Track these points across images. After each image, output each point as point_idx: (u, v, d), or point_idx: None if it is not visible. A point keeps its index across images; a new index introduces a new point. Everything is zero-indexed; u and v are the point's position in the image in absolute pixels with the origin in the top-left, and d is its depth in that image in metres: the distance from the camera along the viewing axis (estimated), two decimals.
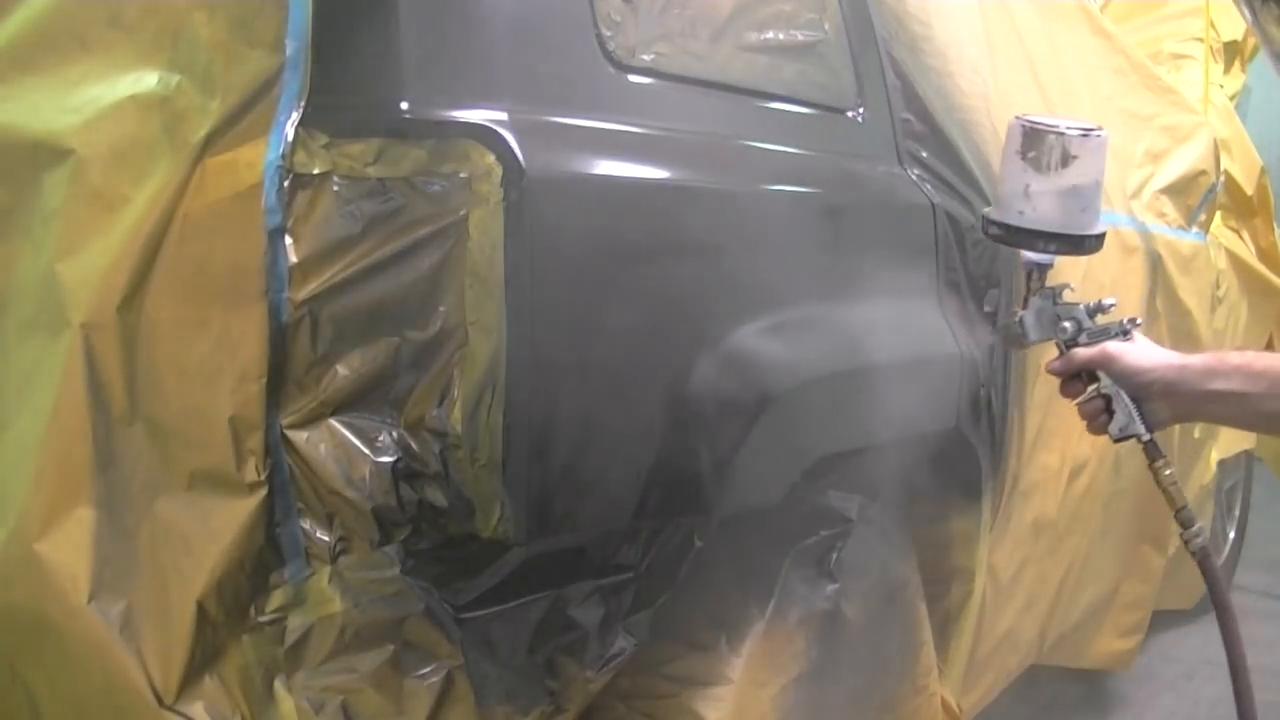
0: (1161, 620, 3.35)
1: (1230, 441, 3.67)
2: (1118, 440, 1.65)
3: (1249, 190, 3.63)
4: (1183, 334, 2.96)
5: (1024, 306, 1.69)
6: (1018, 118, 1.63)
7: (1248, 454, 4.08)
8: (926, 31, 2.14)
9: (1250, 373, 1.54)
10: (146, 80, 1.27)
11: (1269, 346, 3.90)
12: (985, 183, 2.13)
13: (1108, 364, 1.63)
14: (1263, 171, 3.69)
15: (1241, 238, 3.62)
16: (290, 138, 1.21)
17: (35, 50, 1.31)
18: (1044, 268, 1.67)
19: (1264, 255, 3.72)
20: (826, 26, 1.86)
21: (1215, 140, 3.25)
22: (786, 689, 1.63)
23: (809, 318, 1.63)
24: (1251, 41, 3.85)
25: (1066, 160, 1.59)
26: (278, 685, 1.24)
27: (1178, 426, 2.93)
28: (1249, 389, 1.53)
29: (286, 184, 1.21)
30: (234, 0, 1.24)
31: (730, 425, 1.48)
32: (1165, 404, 1.62)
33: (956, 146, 2.07)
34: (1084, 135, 1.60)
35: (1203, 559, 1.67)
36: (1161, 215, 2.99)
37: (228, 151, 1.23)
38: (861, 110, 1.89)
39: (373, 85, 1.26)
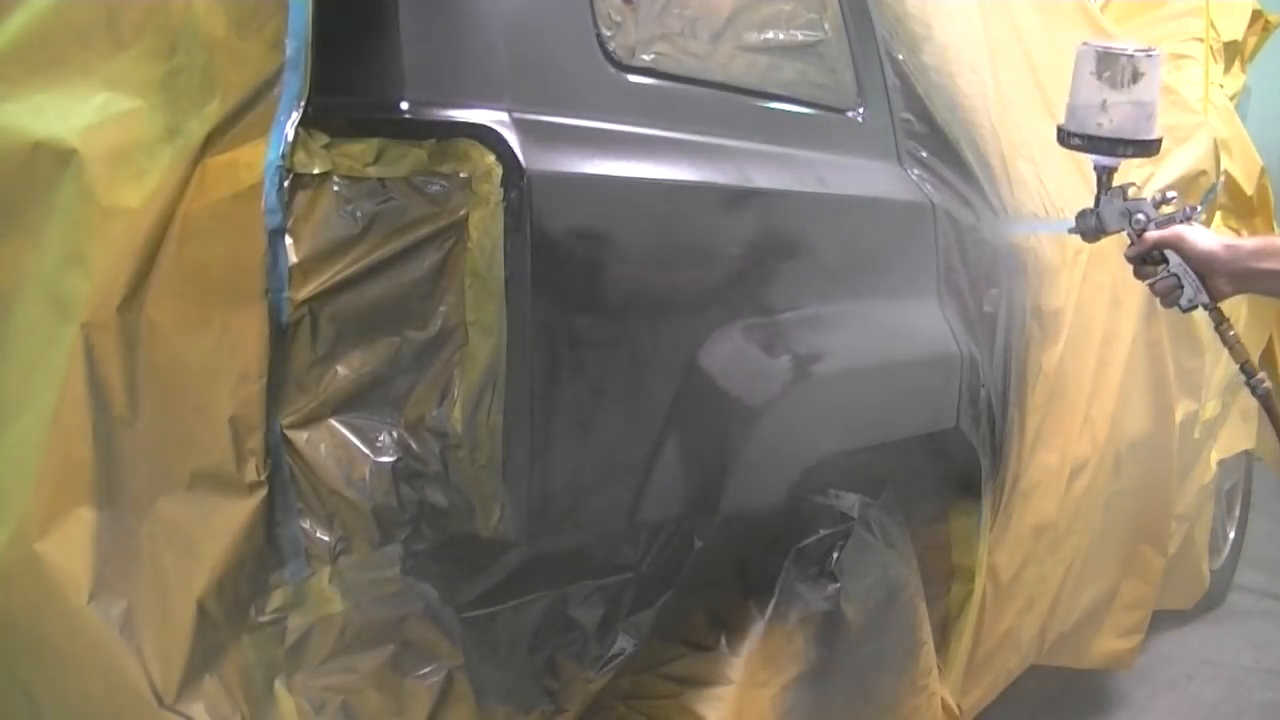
0: (1161, 620, 3.35)
1: (1230, 441, 3.67)
2: (1186, 310, 1.94)
3: (1249, 190, 3.62)
4: (1183, 333, 2.96)
5: (1096, 205, 1.98)
6: (1087, 43, 1.95)
7: (1248, 454, 4.07)
8: (926, 31, 2.14)
9: None
10: (147, 80, 1.27)
11: (1269, 347, 3.90)
12: (985, 183, 2.13)
13: (1178, 244, 1.91)
14: (1263, 171, 3.68)
15: (1241, 237, 3.62)
16: (290, 138, 1.21)
17: (36, 51, 1.31)
18: (1112, 170, 1.97)
19: None
20: (826, 26, 1.86)
21: (1215, 140, 3.26)
22: (786, 689, 1.63)
23: (809, 318, 1.63)
24: (1252, 41, 3.85)
25: (1136, 77, 1.90)
26: (278, 685, 1.24)
27: (1178, 427, 2.94)
28: None
29: (286, 184, 1.21)
30: (234, 0, 1.24)
31: (731, 425, 1.48)
32: (1225, 278, 1.90)
33: (956, 146, 2.08)
34: (1147, 55, 1.92)
35: (1266, 402, 1.97)
36: None
37: (228, 151, 1.23)
38: (861, 110, 1.89)
39: (373, 85, 1.26)
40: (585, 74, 1.41)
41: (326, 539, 1.24)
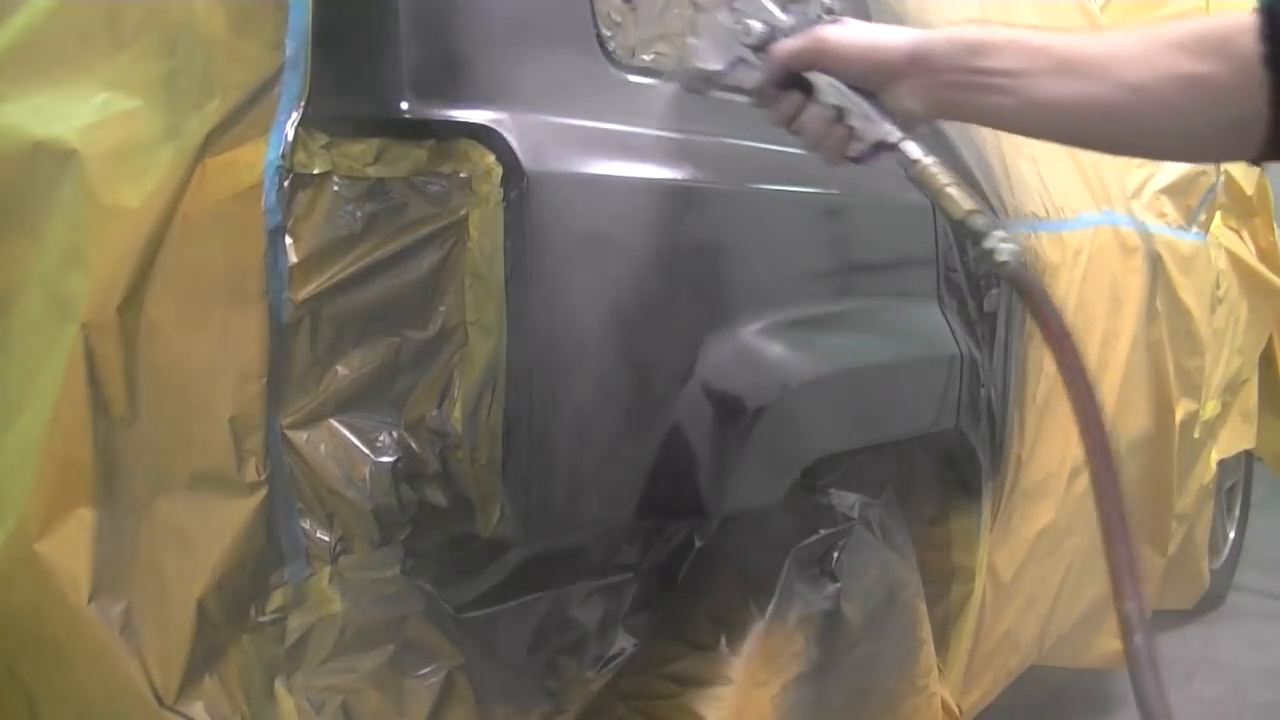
0: (1161, 620, 3.34)
1: (1230, 441, 3.67)
2: (864, 159, 1.24)
3: (1249, 190, 3.63)
4: (1183, 334, 2.96)
5: (693, 32, 1.34)
6: None
7: (1248, 454, 4.08)
8: None
9: (1028, 49, 1.15)
10: (147, 80, 1.27)
11: (1269, 347, 3.90)
12: (985, 183, 2.13)
13: (822, 52, 1.23)
14: (1263, 171, 3.68)
15: (1241, 238, 3.62)
16: (290, 138, 1.21)
17: (36, 50, 1.31)
18: None
19: (1264, 255, 3.72)
20: None
21: None
22: (786, 689, 1.63)
23: (809, 318, 1.63)
24: None
25: None
26: (278, 685, 1.24)
27: (1178, 427, 2.93)
28: (1029, 65, 1.14)
29: (286, 184, 1.21)
30: (234, 0, 1.24)
31: (731, 425, 1.48)
32: (910, 89, 1.20)
33: (956, 146, 2.08)
34: None
35: (1014, 273, 1.19)
36: (1161, 215, 2.99)
37: (228, 151, 1.23)
38: None
39: (373, 85, 1.26)
40: (585, 74, 1.41)
41: (326, 539, 1.24)
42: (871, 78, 1.22)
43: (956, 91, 1.18)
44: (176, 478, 1.23)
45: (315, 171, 1.22)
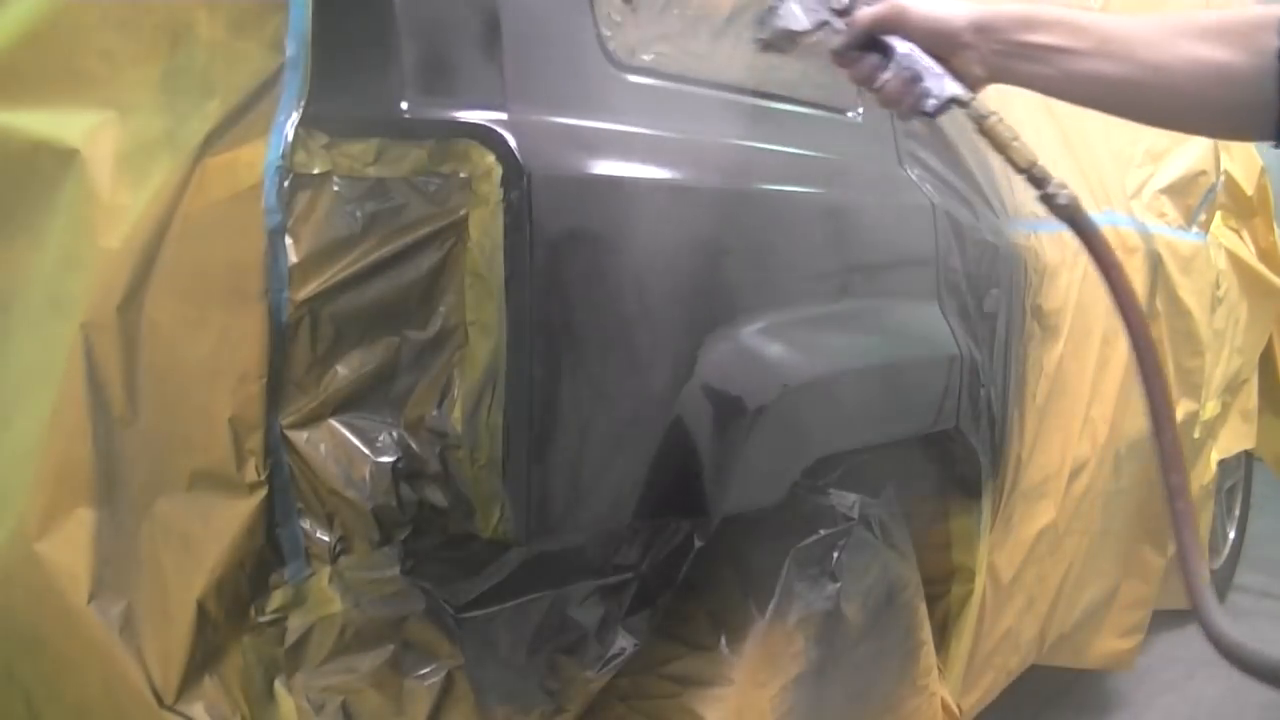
0: (1161, 620, 3.34)
1: (1230, 441, 3.67)
2: (935, 113, 1.40)
3: (1249, 190, 3.62)
4: (1183, 334, 2.96)
5: None
6: None
7: (1248, 454, 4.08)
8: None
9: (1075, 28, 1.34)
10: (147, 81, 1.27)
11: (1269, 347, 3.90)
12: (985, 183, 2.13)
13: (900, 19, 1.38)
14: (1263, 171, 3.69)
15: (1241, 238, 3.62)
16: (290, 138, 1.21)
17: (37, 51, 1.31)
18: None
19: (1264, 255, 3.72)
20: None
21: (1215, 140, 3.25)
22: (786, 689, 1.63)
23: (809, 318, 1.63)
24: None
25: None
26: (278, 685, 1.24)
27: (1178, 427, 2.93)
28: (1073, 44, 1.33)
29: (286, 184, 1.21)
30: (234, 0, 1.24)
31: (731, 425, 1.48)
32: (976, 56, 1.38)
33: (956, 146, 2.08)
34: None
35: (1069, 214, 1.39)
36: (1161, 215, 2.99)
37: (228, 151, 1.23)
38: (861, 110, 1.89)
39: (373, 85, 1.26)
40: (585, 74, 1.41)
41: (326, 539, 1.24)
42: (940, 44, 1.38)
43: (1009, 60, 1.36)
44: (176, 478, 1.23)
45: (315, 171, 1.22)
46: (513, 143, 1.23)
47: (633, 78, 1.46)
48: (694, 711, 1.53)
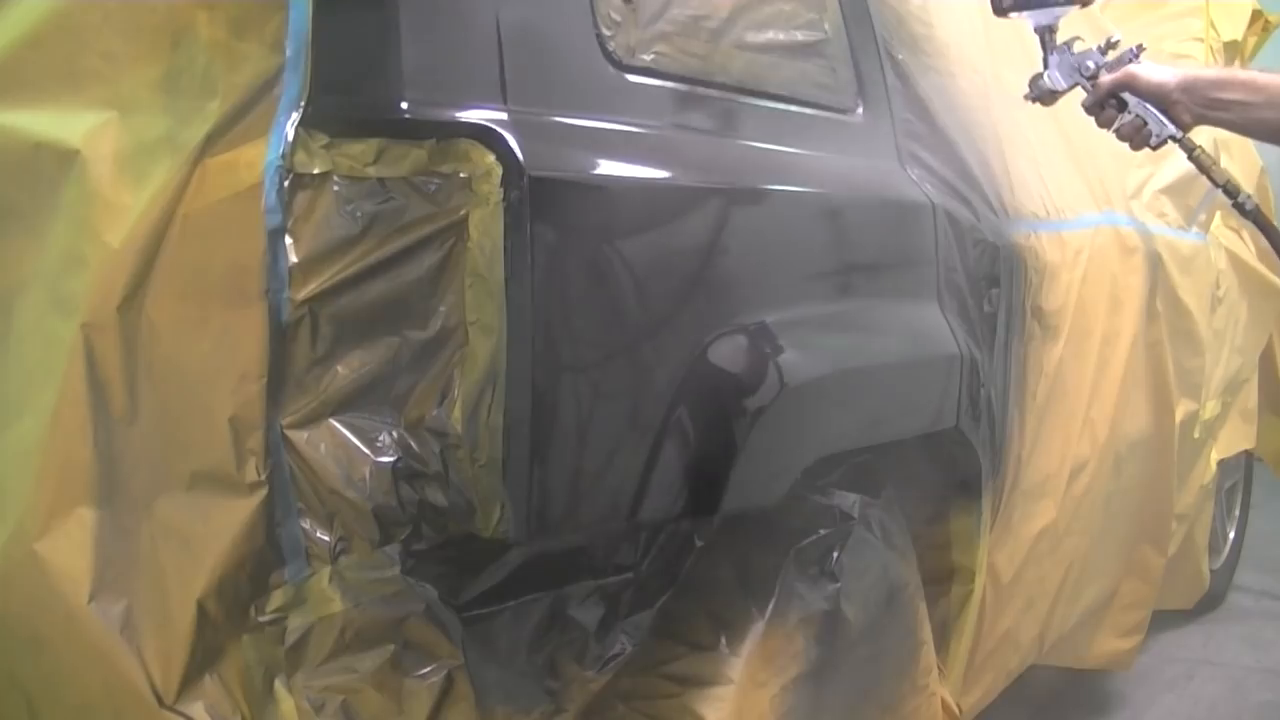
0: (1161, 620, 3.35)
1: (1230, 441, 3.67)
2: (1157, 146, 2.00)
3: (1249, 190, 3.62)
4: (1183, 334, 2.96)
5: (1045, 67, 2.02)
6: None
7: (1248, 454, 4.08)
8: (927, 31, 2.14)
9: (1253, 86, 1.92)
10: (147, 81, 1.27)
11: (1269, 347, 3.90)
12: (985, 183, 2.13)
13: (1131, 82, 1.98)
14: (1263, 171, 3.68)
15: (1241, 238, 3.62)
16: (290, 138, 1.21)
17: (37, 52, 1.31)
18: (1053, 28, 2.03)
19: (1264, 255, 3.71)
20: (826, 26, 1.86)
21: (1215, 140, 3.25)
22: (786, 689, 1.63)
23: (809, 318, 1.63)
24: (1252, 41, 3.85)
25: None
26: (278, 685, 1.24)
27: (1178, 427, 2.94)
28: (1250, 99, 1.92)
29: (286, 184, 1.21)
30: (234, 0, 1.24)
31: (731, 425, 1.48)
32: (1184, 108, 1.96)
33: (956, 146, 2.08)
34: None
35: (1256, 218, 2.05)
36: (1161, 215, 2.99)
37: (228, 152, 1.23)
38: (861, 110, 1.89)
39: (373, 85, 1.26)
40: (585, 74, 1.41)
41: (326, 539, 1.25)
42: (1159, 99, 1.98)
43: (1207, 109, 1.96)
44: (176, 478, 1.23)
45: (315, 171, 1.22)
46: (513, 142, 1.23)
47: (633, 78, 1.46)
48: (694, 711, 1.53)
